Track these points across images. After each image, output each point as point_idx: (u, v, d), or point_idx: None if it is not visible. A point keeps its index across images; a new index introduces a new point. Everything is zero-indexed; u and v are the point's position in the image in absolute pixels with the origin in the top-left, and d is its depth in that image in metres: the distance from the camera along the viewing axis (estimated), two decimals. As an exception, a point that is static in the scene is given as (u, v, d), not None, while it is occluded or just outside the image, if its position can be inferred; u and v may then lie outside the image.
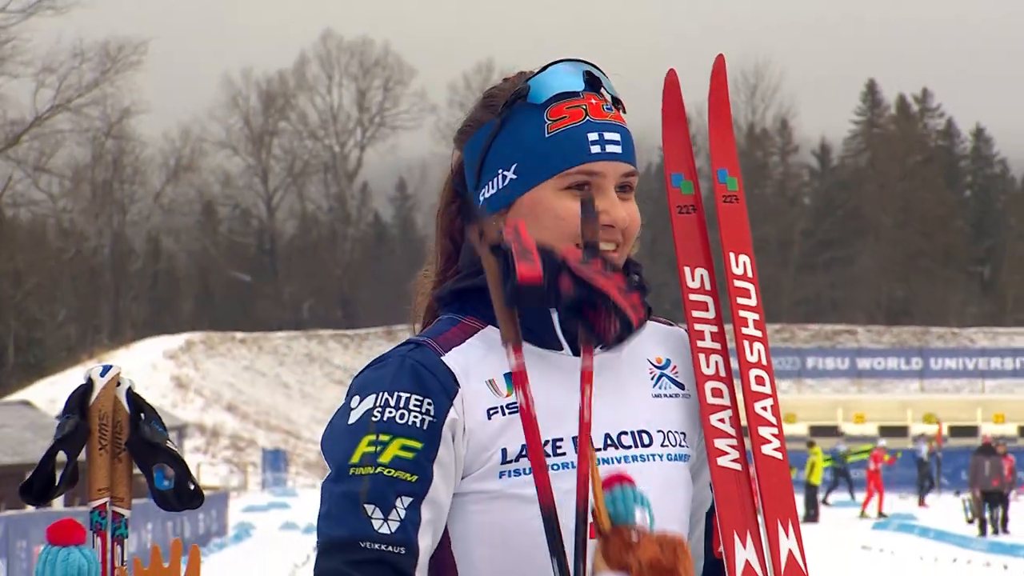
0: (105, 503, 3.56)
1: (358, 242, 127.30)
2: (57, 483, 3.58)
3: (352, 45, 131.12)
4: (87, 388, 3.60)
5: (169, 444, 3.59)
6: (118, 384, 3.62)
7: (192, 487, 3.61)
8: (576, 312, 3.61)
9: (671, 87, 4.19)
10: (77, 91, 55.71)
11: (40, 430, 55.20)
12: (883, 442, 66.44)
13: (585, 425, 3.61)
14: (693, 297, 4.09)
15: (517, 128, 3.84)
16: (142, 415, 3.58)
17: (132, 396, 3.60)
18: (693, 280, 4.10)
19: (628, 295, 3.62)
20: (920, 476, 67.02)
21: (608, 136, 3.85)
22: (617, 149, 3.85)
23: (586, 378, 3.62)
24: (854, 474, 67.89)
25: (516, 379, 3.56)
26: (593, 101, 3.87)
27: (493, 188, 3.88)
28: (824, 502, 65.78)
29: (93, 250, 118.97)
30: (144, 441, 3.58)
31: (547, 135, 3.82)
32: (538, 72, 3.88)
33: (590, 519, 3.57)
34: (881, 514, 59.46)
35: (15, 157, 55.54)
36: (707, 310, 4.10)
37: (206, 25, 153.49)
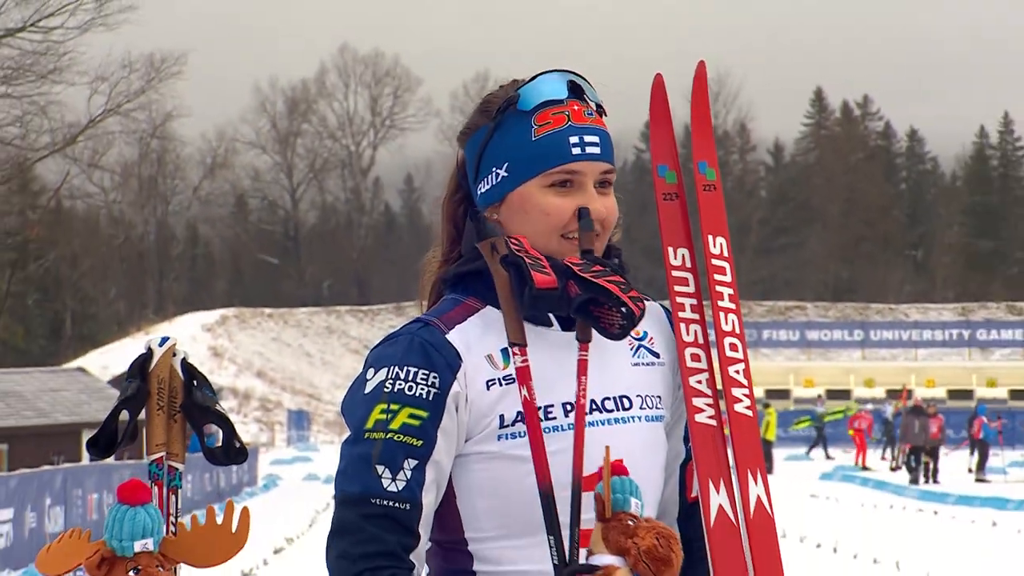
0: (162, 457, 3.56)
1: (371, 229, 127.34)
2: (119, 439, 3.57)
3: (366, 57, 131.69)
4: (147, 356, 3.60)
5: (218, 407, 3.59)
6: (174, 354, 3.62)
7: (238, 445, 3.62)
8: (583, 311, 3.71)
9: (657, 89, 4.19)
10: (126, 97, 55.52)
11: (93, 393, 55.13)
12: (869, 406, 65.60)
13: (580, 407, 3.73)
14: (675, 274, 4.11)
15: (508, 132, 3.86)
16: (195, 381, 3.58)
17: (186, 364, 3.61)
18: (675, 259, 4.11)
19: (627, 291, 3.71)
20: (885, 434, 66.84)
21: (588, 139, 3.86)
22: (596, 150, 3.87)
23: (582, 368, 3.75)
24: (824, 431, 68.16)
25: (520, 375, 3.72)
26: (576, 107, 3.89)
27: (488, 184, 3.90)
28: (807, 455, 65.59)
29: (140, 237, 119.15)
30: (196, 404, 3.59)
31: (534, 138, 3.84)
32: (528, 81, 3.90)
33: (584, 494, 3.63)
34: (864, 467, 58.93)
35: (72, 155, 55.43)
36: (687, 285, 4.12)
37: (238, 40, 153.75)
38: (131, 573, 3.39)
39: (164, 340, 3.67)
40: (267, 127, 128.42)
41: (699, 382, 4.03)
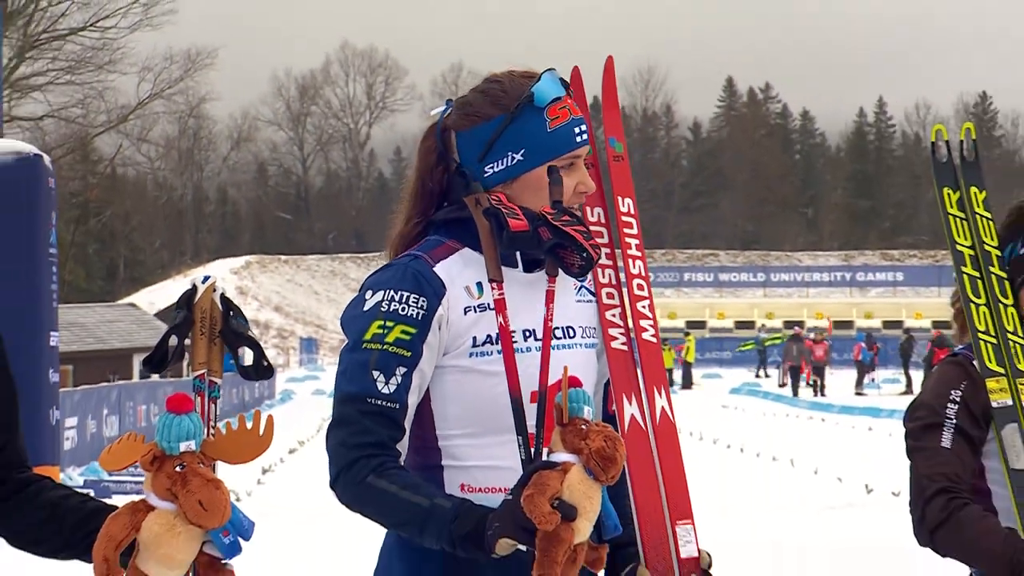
0: (204, 373, 3.57)
1: (367, 192, 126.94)
2: (169, 358, 3.58)
3: (363, 52, 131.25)
4: (192, 292, 3.61)
5: (250, 334, 3.60)
6: (214, 290, 3.63)
7: (265, 364, 3.62)
8: (553, 252, 3.77)
9: (608, 73, 4.26)
10: (167, 84, 55.52)
11: (142, 324, 55.08)
12: (810, 334, 64.42)
13: (548, 330, 3.80)
14: (594, 227, 4.13)
15: (525, 123, 3.87)
16: (231, 312, 3.59)
17: (223, 298, 3.62)
18: (592, 213, 4.17)
19: (588, 239, 3.79)
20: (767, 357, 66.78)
21: (582, 128, 3.92)
22: (586, 137, 3.93)
23: (549, 297, 3.83)
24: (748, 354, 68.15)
25: (498, 306, 3.78)
26: (569, 102, 3.92)
27: (501, 165, 3.88)
28: (756, 376, 64.72)
29: (179, 197, 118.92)
30: (232, 331, 3.59)
31: (548, 130, 3.86)
32: (535, 81, 3.89)
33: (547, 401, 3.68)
34: (810, 384, 57.46)
35: (123, 131, 55.30)
36: (603, 237, 4.15)
37: (259, 37, 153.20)
38: (177, 468, 3.39)
39: (206, 278, 3.70)
40: (282, 108, 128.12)
41: (613, 315, 4.07)
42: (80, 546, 3.50)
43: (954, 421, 4.32)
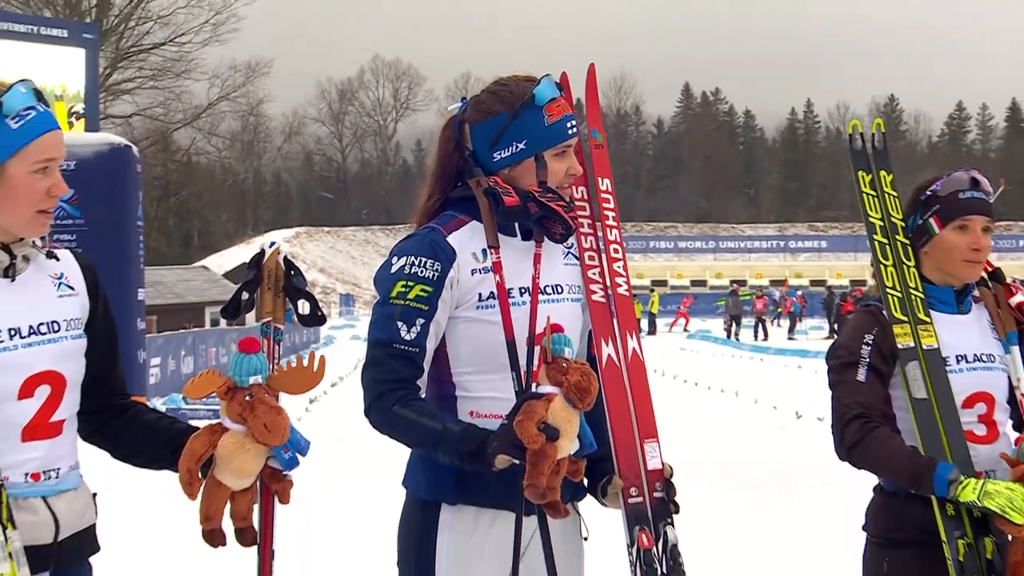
0: (270, 320, 3.62)
1: (393, 176, 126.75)
2: (241, 308, 3.62)
3: (390, 62, 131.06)
4: (261, 254, 3.67)
5: (307, 289, 3.63)
6: (279, 253, 3.67)
7: (319, 313, 3.69)
8: (539, 222, 3.88)
9: (591, 77, 4.25)
10: (232, 88, 55.48)
11: (211, 283, 55.08)
12: (776, 293, 62.97)
13: (536, 286, 3.89)
14: (578, 202, 4.16)
15: (526, 119, 3.89)
16: (292, 271, 3.63)
17: (286, 260, 3.67)
18: (576, 192, 4.16)
19: (568, 212, 3.90)
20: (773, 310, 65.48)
21: (573, 123, 3.95)
22: (576, 130, 3.97)
23: (536, 260, 3.93)
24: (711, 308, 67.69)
25: (495, 268, 3.85)
26: (563, 102, 3.94)
27: (507, 152, 3.91)
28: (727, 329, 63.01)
29: (242, 180, 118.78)
30: (293, 286, 3.65)
31: (546, 124, 3.89)
32: (536, 84, 3.91)
33: (536, 346, 3.75)
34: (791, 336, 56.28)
35: (197, 127, 55.35)
36: (585, 210, 4.17)
37: (306, 50, 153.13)
38: (247, 397, 3.43)
39: (272, 243, 3.75)
40: (325, 108, 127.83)
41: (594, 273, 4.08)
42: (168, 459, 3.53)
43: (867, 359, 4.33)
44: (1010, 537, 4.08)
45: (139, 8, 49.06)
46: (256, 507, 3.58)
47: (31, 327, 3.37)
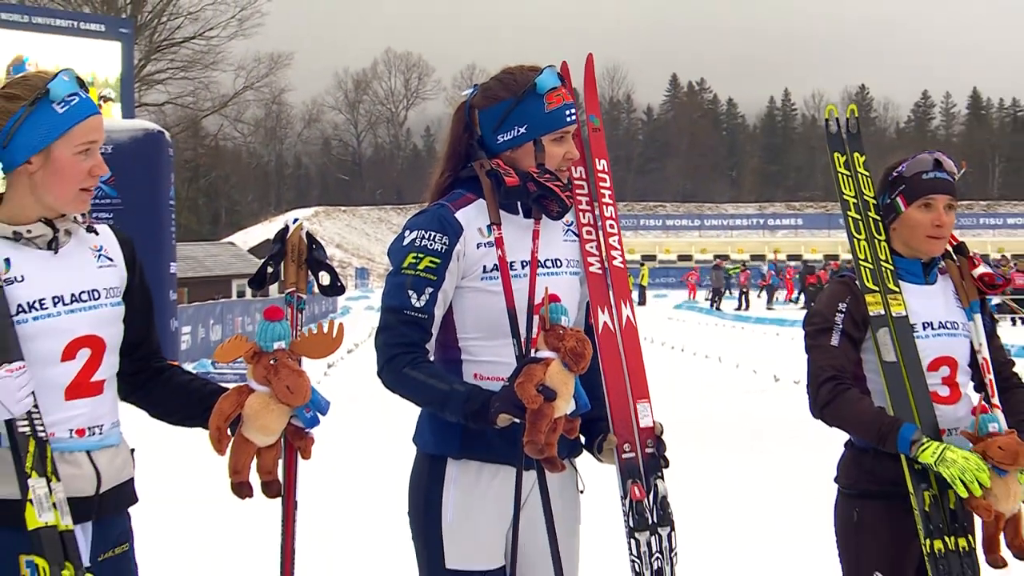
0: (293, 290, 3.63)
1: (404, 159, 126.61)
2: (267, 279, 3.64)
3: (401, 55, 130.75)
4: (285, 230, 3.69)
5: (328, 262, 3.64)
6: (301, 228, 3.67)
7: (339, 284, 3.69)
8: (537, 201, 3.87)
9: (589, 67, 4.23)
10: (256, 79, 55.42)
11: (238, 257, 55.16)
12: (765, 267, 62.01)
13: (535, 260, 3.89)
14: (576, 181, 4.14)
15: (528, 105, 3.89)
16: (313, 245, 3.64)
17: (308, 234, 3.68)
18: (575, 171, 4.14)
19: (564, 191, 3.90)
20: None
21: (572, 111, 3.94)
22: (574, 118, 3.95)
23: (535, 236, 3.92)
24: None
25: (497, 242, 3.84)
26: (563, 91, 3.93)
27: (509, 136, 3.91)
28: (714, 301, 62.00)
29: (265, 163, 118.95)
30: (315, 259, 3.67)
31: (546, 111, 3.89)
32: (539, 74, 3.91)
33: (535, 315, 3.75)
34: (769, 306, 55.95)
35: (224, 114, 55.32)
36: (583, 189, 4.15)
37: (324, 43, 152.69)
38: (271, 362, 3.45)
39: (296, 220, 3.76)
40: (341, 97, 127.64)
41: (591, 247, 4.07)
42: (200, 417, 3.55)
43: (841, 326, 4.33)
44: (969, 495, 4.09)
45: (170, 4, 49.08)
46: (280, 462, 3.60)
47: (73, 295, 3.40)
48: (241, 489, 3.48)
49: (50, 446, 3.27)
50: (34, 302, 3.33)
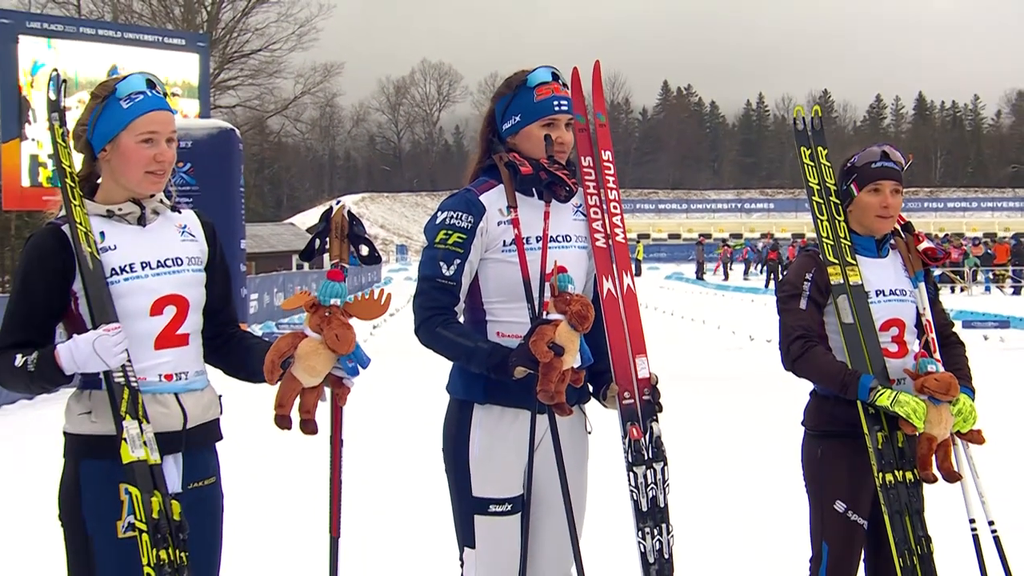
0: (338, 260, 3.58)
1: (437, 154, 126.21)
2: (315, 252, 3.62)
3: (435, 65, 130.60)
4: (330, 210, 3.66)
5: (367, 236, 3.63)
6: (343, 208, 3.66)
7: (376, 255, 3.65)
8: (547, 186, 3.87)
9: (596, 72, 4.22)
10: (312, 85, 55.35)
11: (297, 235, 54.99)
12: (760, 243, 60.12)
13: (545, 236, 3.86)
14: (585, 169, 4.10)
15: (520, 97, 3.91)
16: (354, 222, 3.62)
17: (349, 213, 3.65)
18: (584, 160, 4.10)
19: (571, 178, 3.90)
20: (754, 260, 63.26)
21: (561, 102, 3.92)
22: (565, 107, 3.93)
23: (546, 216, 3.89)
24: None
25: (514, 222, 3.85)
26: (554, 85, 3.92)
27: (509, 124, 3.93)
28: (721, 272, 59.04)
29: (320, 157, 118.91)
30: (355, 234, 3.63)
31: (535, 101, 3.90)
32: (531, 71, 3.93)
33: (547, 285, 3.76)
34: (746, 277, 53.90)
35: (285, 115, 55.20)
36: (591, 175, 4.10)
37: (370, 56, 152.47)
38: (326, 314, 3.45)
39: (338, 201, 3.79)
40: (384, 101, 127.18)
41: (597, 225, 4.04)
42: (263, 374, 3.54)
43: (808, 292, 4.33)
44: (917, 433, 4.13)
45: (240, 23, 48.96)
46: (327, 405, 3.58)
47: (159, 261, 3.44)
48: (282, 421, 3.45)
49: (141, 394, 3.30)
50: (125, 266, 3.38)
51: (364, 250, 3.62)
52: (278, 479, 8.63)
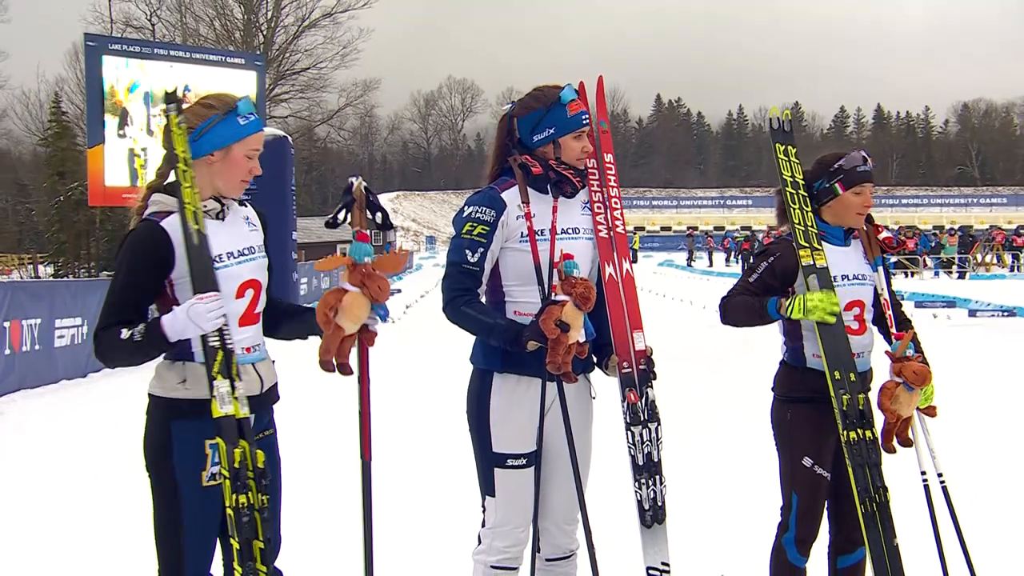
0: (359, 229, 3.57)
1: (461, 157, 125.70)
2: (340, 222, 3.59)
3: (459, 81, 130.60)
4: (351, 185, 3.63)
5: (381, 205, 3.60)
6: (362, 183, 3.63)
7: (388, 222, 3.59)
8: (555, 184, 3.86)
9: (599, 85, 4.23)
10: (354, 98, 55.22)
11: (340, 228, 54.86)
12: (740, 236, 59.82)
13: (554, 229, 3.84)
14: (590, 170, 4.08)
15: (555, 113, 3.84)
16: (370, 195, 3.61)
17: (366, 187, 3.62)
18: (589, 163, 4.07)
19: (576, 177, 3.88)
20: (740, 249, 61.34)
21: (585, 117, 3.88)
22: (588, 121, 3.89)
23: (555, 211, 3.87)
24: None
25: (527, 216, 3.81)
26: (580, 102, 3.89)
27: (542, 135, 3.86)
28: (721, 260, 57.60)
29: (360, 160, 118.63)
30: (372, 204, 3.61)
31: (568, 116, 3.85)
32: (561, 89, 3.87)
33: (555, 271, 3.75)
34: (728, 264, 52.86)
35: (330, 124, 55.06)
36: (595, 175, 4.09)
37: (403, 73, 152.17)
38: (363, 271, 3.44)
39: (357, 175, 3.70)
40: (416, 112, 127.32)
41: (598, 216, 4.01)
42: (300, 330, 3.63)
43: (761, 272, 4.35)
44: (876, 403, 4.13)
45: (292, 44, 48.91)
46: (355, 352, 3.56)
47: (239, 250, 3.49)
48: (327, 366, 3.45)
49: (235, 357, 3.31)
50: (216, 256, 3.40)
51: (379, 217, 3.61)
52: (314, 427, 8.65)
